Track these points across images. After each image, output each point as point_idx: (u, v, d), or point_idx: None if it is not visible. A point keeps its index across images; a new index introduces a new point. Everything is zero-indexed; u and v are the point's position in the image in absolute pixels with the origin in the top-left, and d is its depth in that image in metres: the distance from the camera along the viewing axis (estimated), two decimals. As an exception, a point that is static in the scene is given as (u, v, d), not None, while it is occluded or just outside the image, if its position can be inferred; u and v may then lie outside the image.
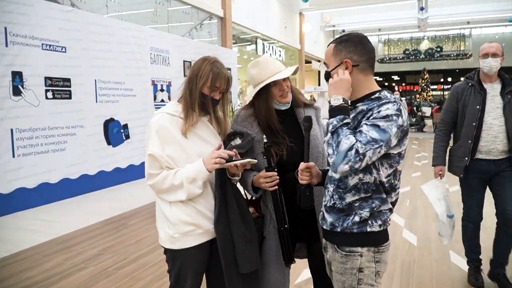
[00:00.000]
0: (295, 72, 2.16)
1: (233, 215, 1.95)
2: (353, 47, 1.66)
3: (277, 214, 2.03)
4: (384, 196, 1.64)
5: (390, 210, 1.68)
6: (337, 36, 1.76)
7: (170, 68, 8.95)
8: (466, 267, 3.69)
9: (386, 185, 1.64)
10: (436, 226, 3.63)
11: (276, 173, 1.96)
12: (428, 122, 20.01)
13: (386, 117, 1.52)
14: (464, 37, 29.57)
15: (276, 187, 1.98)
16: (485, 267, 3.49)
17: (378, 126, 1.51)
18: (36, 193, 5.90)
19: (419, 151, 12.05)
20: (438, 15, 20.24)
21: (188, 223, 1.94)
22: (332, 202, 1.69)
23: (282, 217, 2.03)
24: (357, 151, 1.47)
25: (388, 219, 1.68)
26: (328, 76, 1.74)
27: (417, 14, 18.58)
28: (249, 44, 16.94)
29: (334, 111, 1.60)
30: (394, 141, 1.54)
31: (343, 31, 24.30)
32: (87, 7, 8.32)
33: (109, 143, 7.35)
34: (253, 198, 2.17)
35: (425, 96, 31.74)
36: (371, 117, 1.55)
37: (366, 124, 1.53)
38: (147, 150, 1.94)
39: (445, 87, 42.76)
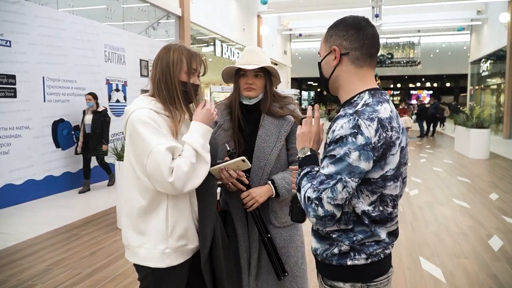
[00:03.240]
0: (275, 75, 2.03)
1: (218, 252, 1.76)
2: (344, 31, 1.36)
3: (257, 224, 1.99)
4: (370, 228, 1.34)
5: (378, 243, 1.36)
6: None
7: (126, 67, 8.52)
8: (439, 275, 3.64)
9: (373, 214, 1.33)
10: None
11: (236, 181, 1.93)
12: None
13: (339, 141, 1.24)
14: (413, 45, 30.68)
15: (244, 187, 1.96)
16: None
17: (333, 156, 1.25)
18: (-25, 200, 5.35)
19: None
20: (391, 22, 20.83)
21: (182, 236, 1.69)
22: (316, 226, 1.41)
23: (261, 227, 1.99)
24: (309, 198, 1.26)
25: (380, 250, 1.36)
26: (319, 68, 1.48)
27: (372, 21, 19.02)
28: (207, 45, 16.64)
29: (301, 165, 1.40)
30: (364, 165, 1.24)
31: (300, 35, 24.54)
32: (35, -1, 7.74)
33: (58, 145, 6.85)
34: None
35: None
36: (327, 143, 1.30)
37: (324, 156, 1.29)
38: (145, 149, 1.56)
39: (395, 92, 44.39)
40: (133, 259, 1.72)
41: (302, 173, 1.37)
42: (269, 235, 2.00)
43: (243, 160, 1.82)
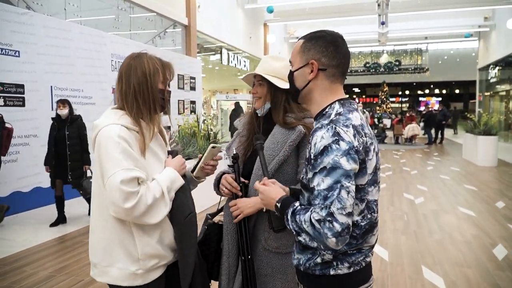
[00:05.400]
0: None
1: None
2: (324, 47, 1.39)
3: (240, 241, 1.82)
4: (357, 240, 1.37)
5: (360, 251, 1.39)
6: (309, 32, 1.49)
7: (132, 76, 8.60)
8: (441, 284, 3.62)
9: (363, 223, 1.36)
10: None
11: (239, 190, 1.85)
12: (389, 133, 20.45)
13: (324, 151, 1.26)
14: (421, 51, 30.58)
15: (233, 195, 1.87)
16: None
17: (325, 168, 1.25)
18: (-17, 208, 5.41)
19: (382, 162, 12.20)
20: (398, 29, 20.81)
21: (153, 256, 1.67)
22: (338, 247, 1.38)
23: (244, 245, 1.81)
24: (319, 220, 1.22)
25: (362, 258, 1.40)
26: (289, 76, 1.50)
27: (378, 29, 19.03)
28: (213, 54, 16.76)
29: (282, 214, 1.39)
30: (354, 167, 1.27)
31: (307, 43, 24.58)
32: (43, 10, 7.89)
33: (65, 153, 6.90)
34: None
35: (384, 108, 32.63)
36: (312, 158, 1.30)
37: (314, 173, 1.28)
38: (110, 170, 1.54)
39: (403, 99, 44.22)
40: (104, 278, 1.67)
41: (289, 216, 1.34)
42: (249, 256, 1.79)
43: (212, 147, 1.83)
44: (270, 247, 1.81)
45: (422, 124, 19.61)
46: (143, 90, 1.66)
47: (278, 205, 1.41)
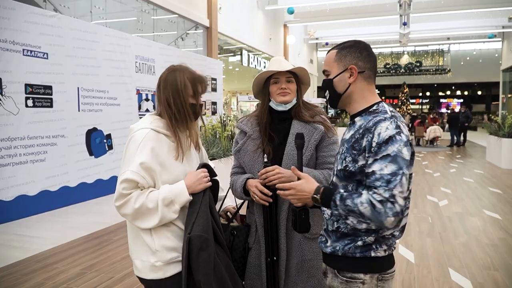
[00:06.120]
0: (304, 81, 2.09)
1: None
2: (358, 53, 1.56)
3: (267, 242, 1.96)
4: (398, 223, 1.50)
5: (394, 235, 1.54)
6: (337, 44, 1.65)
7: (156, 77, 8.71)
8: (468, 286, 3.59)
9: (405, 208, 1.48)
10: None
11: (270, 198, 1.93)
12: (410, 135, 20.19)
13: (389, 140, 1.40)
14: (442, 52, 30.20)
15: (267, 203, 1.94)
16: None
17: (389, 155, 1.39)
18: (14, 206, 5.56)
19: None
20: (420, 30, 20.59)
21: (172, 248, 1.75)
22: (336, 225, 1.56)
23: (271, 246, 1.95)
24: (381, 201, 1.36)
25: (394, 244, 1.55)
26: (327, 84, 1.61)
27: (399, 29, 18.85)
28: (234, 55, 16.85)
29: (325, 201, 1.49)
30: (410, 158, 1.44)
31: (326, 43, 24.51)
32: (70, 12, 8.08)
33: (91, 153, 7.06)
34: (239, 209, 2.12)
35: (405, 109, 32.26)
36: (374, 146, 1.42)
37: (375, 159, 1.41)
38: (128, 163, 1.71)
39: (424, 101, 43.62)
40: (135, 271, 1.82)
41: (338, 201, 1.44)
42: (274, 257, 1.94)
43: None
44: (311, 234, 1.97)
45: (447, 125, 19.18)
46: (175, 103, 1.80)
47: (317, 196, 1.51)
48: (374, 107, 1.55)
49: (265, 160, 1.96)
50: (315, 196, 1.51)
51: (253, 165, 2.02)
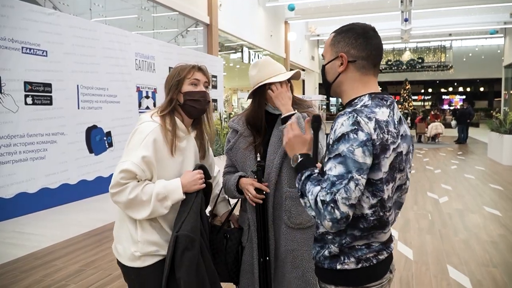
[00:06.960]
0: (296, 78, 2.09)
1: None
2: (353, 39, 1.38)
3: (259, 238, 1.96)
4: (363, 233, 1.35)
5: (369, 246, 1.37)
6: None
7: (156, 74, 8.73)
8: (467, 283, 3.58)
9: (372, 218, 1.33)
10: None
11: (263, 196, 1.93)
12: (411, 132, 20.14)
13: (341, 138, 1.24)
14: (445, 48, 30.11)
15: (260, 201, 1.93)
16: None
17: (339, 155, 1.24)
18: (14, 203, 5.58)
19: (405, 161, 12.05)
20: (421, 26, 20.51)
21: (153, 243, 1.79)
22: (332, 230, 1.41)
23: (263, 242, 1.95)
24: (323, 202, 1.23)
25: (369, 255, 1.38)
26: (321, 70, 1.51)
27: (401, 26, 18.79)
28: (234, 52, 16.83)
29: (299, 169, 1.41)
30: (369, 161, 1.25)
31: (327, 40, 24.43)
32: (69, 10, 8.07)
33: (91, 151, 7.07)
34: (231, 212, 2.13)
35: (406, 106, 32.17)
36: (331, 143, 1.28)
37: (329, 158, 1.27)
38: (130, 154, 1.73)
39: (426, 97, 43.51)
40: (114, 252, 1.89)
41: (303, 177, 1.36)
42: (267, 258, 1.95)
43: None
44: (293, 224, 1.95)
45: (454, 122, 19.00)
46: (172, 91, 1.89)
47: (298, 159, 1.44)
48: (356, 100, 1.38)
49: (258, 159, 1.97)
50: (298, 156, 1.44)
51: (245, 162, 2.02)
